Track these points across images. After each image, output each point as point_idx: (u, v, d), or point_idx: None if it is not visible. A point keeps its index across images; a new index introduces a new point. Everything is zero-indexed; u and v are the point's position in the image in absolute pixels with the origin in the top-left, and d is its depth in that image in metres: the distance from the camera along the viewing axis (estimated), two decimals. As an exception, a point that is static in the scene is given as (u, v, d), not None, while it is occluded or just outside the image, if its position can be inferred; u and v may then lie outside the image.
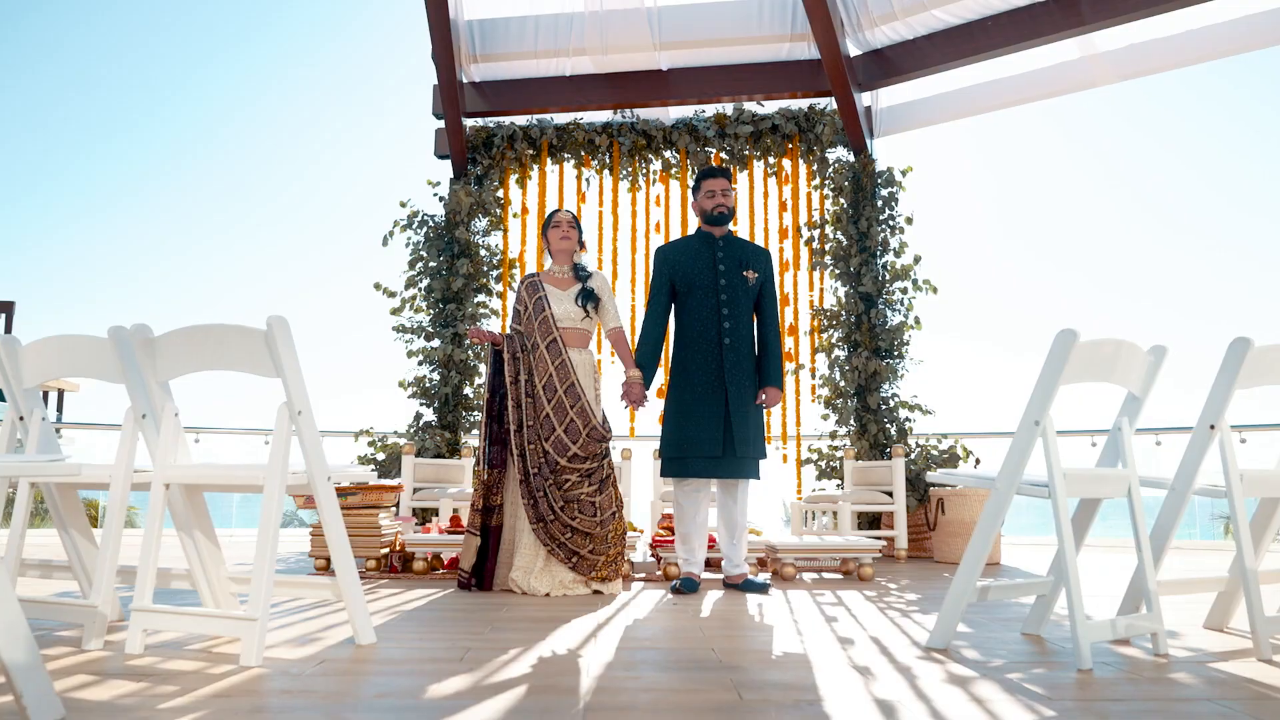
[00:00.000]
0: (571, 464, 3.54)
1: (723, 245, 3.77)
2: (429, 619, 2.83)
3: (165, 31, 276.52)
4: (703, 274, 3.72)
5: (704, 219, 3.81)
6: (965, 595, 2.32)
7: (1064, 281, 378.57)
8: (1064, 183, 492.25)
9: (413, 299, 6.44)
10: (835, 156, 6.40)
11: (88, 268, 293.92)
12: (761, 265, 3.78)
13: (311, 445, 2.23)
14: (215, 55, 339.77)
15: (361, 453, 6.17)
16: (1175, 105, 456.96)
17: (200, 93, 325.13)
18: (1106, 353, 2.33)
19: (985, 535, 2.31)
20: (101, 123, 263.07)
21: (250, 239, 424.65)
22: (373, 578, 4.02)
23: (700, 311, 3.71)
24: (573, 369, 3.63)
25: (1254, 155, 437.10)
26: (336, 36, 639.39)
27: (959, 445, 5.75)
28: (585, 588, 3.53)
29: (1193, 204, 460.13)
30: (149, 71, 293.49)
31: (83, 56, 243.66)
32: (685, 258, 3.79)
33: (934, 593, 3.64)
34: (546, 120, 6.63)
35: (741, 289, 3.71)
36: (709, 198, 3.78)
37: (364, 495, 4.19)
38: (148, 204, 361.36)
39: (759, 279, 3.75)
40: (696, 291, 3.73)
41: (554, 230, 3.80)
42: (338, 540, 2.29)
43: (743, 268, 3.73)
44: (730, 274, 3.71)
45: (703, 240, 3.80)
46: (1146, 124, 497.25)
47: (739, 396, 3.61)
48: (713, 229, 3.79)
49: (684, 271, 3.76)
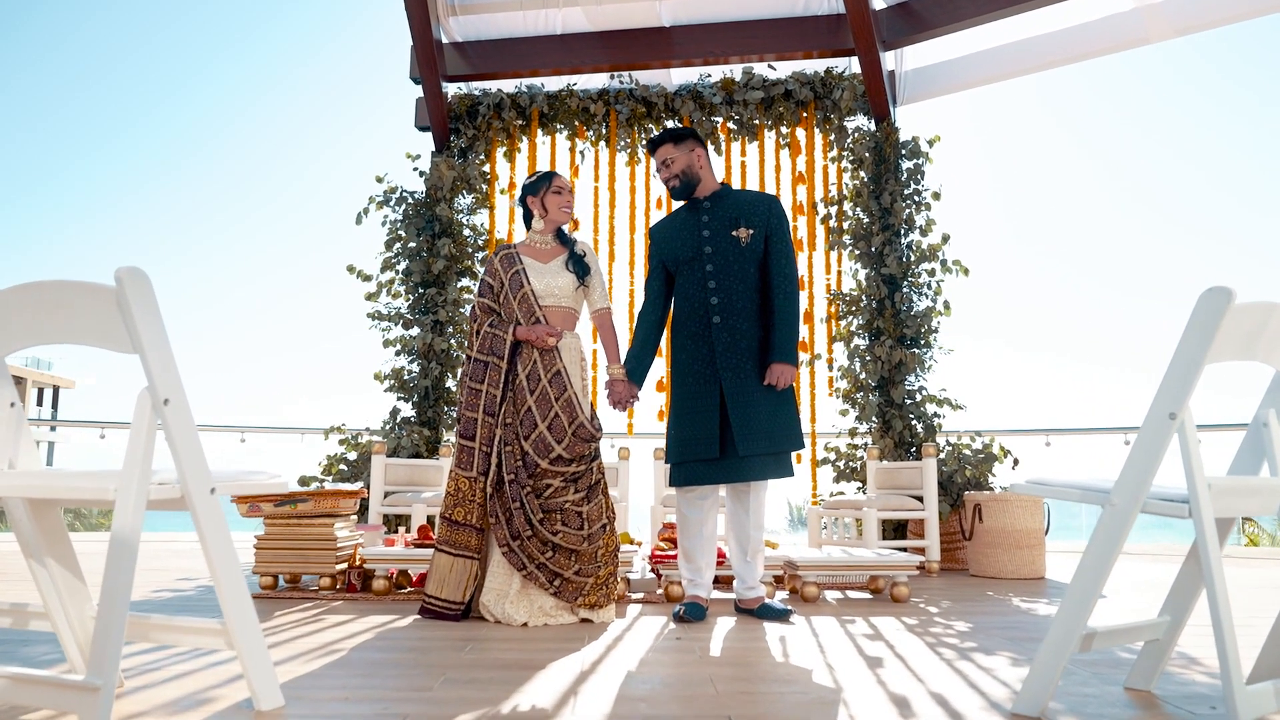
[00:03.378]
0: (554, 467, 2.95)
1: (709, 206, 3.18)
2: (368, 664, 2.24)
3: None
4: (687, 246, 3.14)
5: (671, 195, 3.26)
6: (1068, 646, 1.73)
7: (1076, 274, 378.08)
8: (1101, 156, 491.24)
9: (390, 283, 5.85)
10: (854, 125, 5.81)
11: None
12: (758, 217, 3.14)
13: (185, 445, 1.64)
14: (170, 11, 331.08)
15: (333, 451, 5.58)
16: (1240, 63, 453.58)
17: (150, 53, 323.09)
18: (1255, 320, 1.73)
19: (1097, 568, 1.72)
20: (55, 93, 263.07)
21: (222, 220, 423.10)
22: (325, 599, 3.44)
23: (688, 289, 3.12)
24: (558, 355, 3.05)
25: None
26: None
27: (994, 444, 5.16)
28: (571, 614, 2.94)
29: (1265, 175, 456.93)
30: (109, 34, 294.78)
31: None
32: (671, 233, 3.22)
33: (985, 620, 3.05)
34: (536, 86, 6.03)
35: (732, 253, 3.10)
36: (660, 172, 3.23)
37: (316, 502, 3.61)
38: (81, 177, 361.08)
39: (758, 235, 3.12)
40: (684, 267, 3.15)
41: (556, 196, 3.20)
42: (225, 572, 1.70)
43: (731, 227, 3.12)
44: (716, 238, 3.11)
45: (688, 209, 3.22)
46: (1209, 85, 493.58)
47: (737, 384, 3.00)
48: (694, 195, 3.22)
49: (671, 249, 3.19)
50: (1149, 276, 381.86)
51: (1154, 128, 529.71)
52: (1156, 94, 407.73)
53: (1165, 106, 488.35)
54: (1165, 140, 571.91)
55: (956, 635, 2.74)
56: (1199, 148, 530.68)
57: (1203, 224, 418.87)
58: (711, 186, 3.22)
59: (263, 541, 3.61)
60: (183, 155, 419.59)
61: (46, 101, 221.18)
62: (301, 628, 2.80)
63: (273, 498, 3.57)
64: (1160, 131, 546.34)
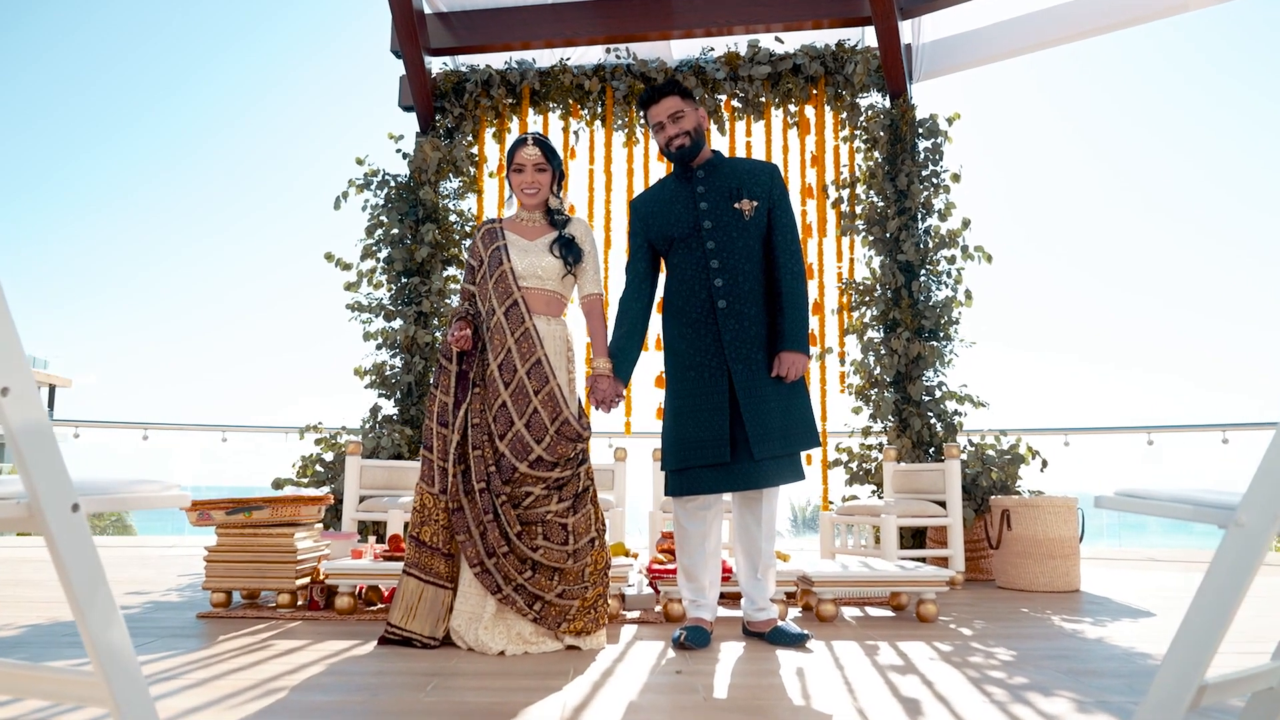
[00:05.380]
0: (534, 471, 2.56)
1: (703, 176, 2.79)
2: (306, 712, 1.86)
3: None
4: (681, 221, 2.74)
5: (669, 159, 2.84)
6: (1179, 706, 1.34)
7: (1081, 267, 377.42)
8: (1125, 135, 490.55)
9: (371, 272, 5.47)
10: (868, 103, 5.42)
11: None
12: (761, 187, 2.76)
13: (32, 447, 1.26)
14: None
15: (307, 452, 5.20)
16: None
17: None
18: None
19: (1220, 606, 1.33)
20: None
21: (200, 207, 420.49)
22: (283, 618, 3.06)
23: (685, 270, 2.73)
24: (539, 342, 2.65)
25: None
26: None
27: (1021, 444, 4.77)
28: (555, 641, 2.56)
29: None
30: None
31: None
32: (659, 206, 2.81)
33: (1029, 646, 2.66)
34: (527, 62, 5.65)
35: (735, 227, 2.71)
36: (659, 131, 2.79)
37: (274, 510, 3.22)
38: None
39: (761, 207, 2.74)
40: (678, 245, 2.75)
41: (516, 175, 2.79)
42: (94, 612, 1.31)
43: (733, 198, 2.73)
44: (716, 211, 2.72)
45: (678, 178, 2.82)
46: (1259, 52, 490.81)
47: (749, 376, 2.62)
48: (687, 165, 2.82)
49: (659, 225, 2.79)
50: (1162, 271, 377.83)
51: (1178, 109, 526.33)
52: (1185, 71, 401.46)
53: (1187, 88, 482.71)
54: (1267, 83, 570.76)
55: (1001, 667, 2.35)
56: (1207, 136, 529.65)
57: (1200, 220, 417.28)
58: (705, 154, 2.84)
59: (214, 554, 3.23)
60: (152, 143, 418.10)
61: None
62: (242, 658, 2.41)
63: (224, 504, 3.20)
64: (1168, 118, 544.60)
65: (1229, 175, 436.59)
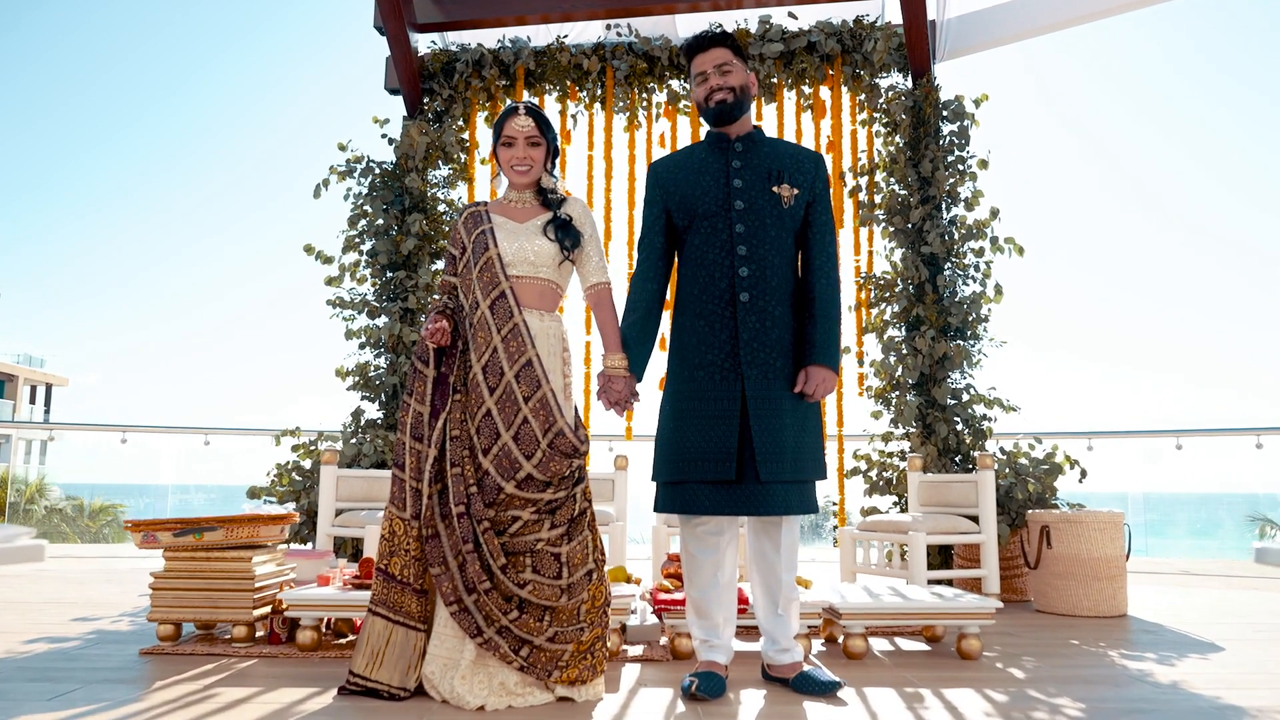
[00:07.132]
0: (523, 492, 2.19)
1: (740, 150, 2.41)
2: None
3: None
4: (709, 195, 2.37)
5: (705, 117, 2.46)
6: None
7: (1101, 267, 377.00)
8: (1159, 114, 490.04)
9: (354, 266, 5.09)
10: (888, 84, 5.04)
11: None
12: (804, 175, 2.40)
13: None
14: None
15: (283, 459, 4.83)
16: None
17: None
18: None
19: None
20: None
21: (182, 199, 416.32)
22: (238, 655, 2.68)
23: (706, 253, 2.36)
24: (529, 340, 2.27)
25: None
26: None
27: (1059, 452, 4.39)
28: (545, 692, 2.18)
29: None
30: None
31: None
32: (684, 174, 2.42)
33: (1096, 696, 2.28)
34: (522, 40, 5.27)
35: (770, 213, 2.35)
36: (701, 83, 2.41)
37: (228, 531, 2.85)
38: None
39: (801, 197, 2.39)
40: (700, 223, 2.37)
41: (505, 150, 2.42)
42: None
43: (772, 180, 2.36)
44: (751, 191, 2.35)
45: (711, 147, 2.44)
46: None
47: (763, 385, 2.26)
48: (725, 129, 2.44)
49: (682, 195, 2.40)
50: (1190, 273, 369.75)
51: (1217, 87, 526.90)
52: (1241, 46, 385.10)
53: (1242, 62, 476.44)
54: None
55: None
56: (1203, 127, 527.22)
57: (1205, 221, 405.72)
58: (746, 126, 2.46)
59: (160, 580, 2.85)
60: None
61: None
62: (175, 714, 2.04)
63: (171, 525, 2.82)
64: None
65: (1252, 177, 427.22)
